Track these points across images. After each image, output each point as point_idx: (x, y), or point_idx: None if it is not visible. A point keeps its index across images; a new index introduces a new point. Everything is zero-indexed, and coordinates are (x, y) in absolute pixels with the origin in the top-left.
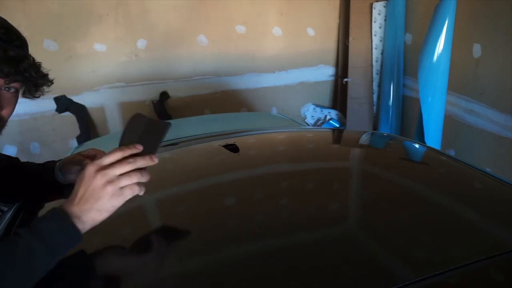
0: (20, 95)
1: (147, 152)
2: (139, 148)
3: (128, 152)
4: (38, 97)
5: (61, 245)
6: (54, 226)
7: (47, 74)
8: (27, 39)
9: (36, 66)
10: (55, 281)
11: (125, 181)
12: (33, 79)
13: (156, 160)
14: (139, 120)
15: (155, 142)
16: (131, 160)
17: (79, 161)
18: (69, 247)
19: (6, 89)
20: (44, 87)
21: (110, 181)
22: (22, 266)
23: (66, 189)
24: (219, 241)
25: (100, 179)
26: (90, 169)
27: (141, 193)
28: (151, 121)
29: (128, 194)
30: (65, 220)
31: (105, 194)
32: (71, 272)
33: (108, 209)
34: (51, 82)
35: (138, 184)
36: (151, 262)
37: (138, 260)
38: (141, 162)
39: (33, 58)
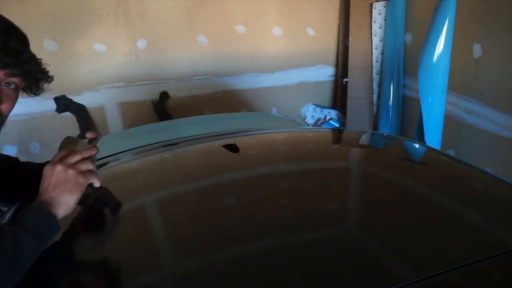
0: (20, 95)
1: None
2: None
3: (71, 147)
4: (38, 94)
5: (43, 232)
6: (33, 216)
7: (47, 70)
8: None
9: (36, 60)
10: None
11: (82, 166)
12: (33, 73)
13: (95, 150)
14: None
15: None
16: (77, 151)
17: None
18: (51, 234)
19: (6, 84)
20: (44, 84)
21: (69, 166)
22: (12, 255)
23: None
24: (219, 241)
25: (60, 167)
26: (47, 166)
27: (92, 181)
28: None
29: (90, 177)
30: (41, 210)
31: (70, 176)
32: (70, 272)
33: (78, 188)
34: (51, 78)
35: (90, 172)
36: (151, 262)
37: (138, 260)
38: (86, 153)
39: (34, 54)
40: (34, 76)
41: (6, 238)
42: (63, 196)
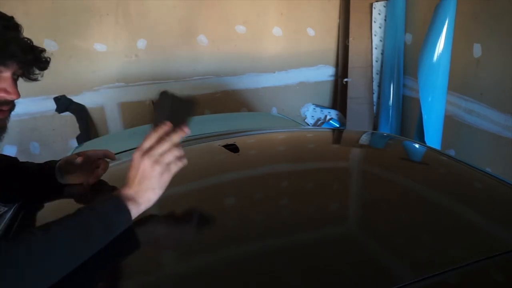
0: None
1: (178, 126)
2: (168, 126)
3: (161, 132)
4: (35, 79)
5: (114, 224)
6: (110, 207)
7: (40, 52)
8: None
9: (19, 42)
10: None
11: (168, 157)
12: (35, 62)
13: (187, 131)
14: (165, 98)
15: (184, 116)
16: (167, 138)
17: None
18: (121, 227)
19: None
20: (41, 71)
21: (156, 161)
22: (80, 236)
23: (66, 189)
24: (219, 241)
25: (147, 161)
26: (137, 155)
27: (184, 164)
28: (176, 97)
29: (174, 168)
30: (120, 203)
31: (155, 173)
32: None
33: (160, 186)
34: (46, 60)
35: (179, 157)
36: (152, 262)
37: (139, 260)
38: (175, 138)
39: (16, 35)
40: (21, 61)
41: (82, 224)
42: (147, 193)
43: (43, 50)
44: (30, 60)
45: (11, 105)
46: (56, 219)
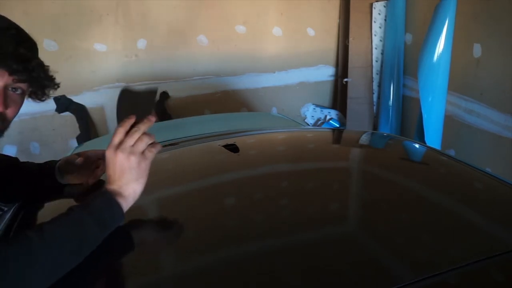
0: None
1: (143, 117)
2: (133, 118)
3: (127, 125)
4: (44, 100)
5: (107, 220)
6: (101, 203)
7: (54, 77)
8: None
9: (44, 67)
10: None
11: (141, 146)
12: (40, 80)
13: (153, 119)
14: (127, 94)
15: (146, 106)
16: (135, 129)
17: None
18: (114, 224)
19: (13, 89)
20: (50, 91)
21: (130, 152)
22: (75, 234)
23: (66, 189)
24: (219, 241)
25: (121, 155)
26: (109, 152)
27: (158, 150)
28: (134, 92)
29: (149, 156)
30: (111, 198)
31: (132, 164)
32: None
33: (141, 175)
34: (57, 85)
35: (152, 144)
36: (153, 263)
37: (139, 260)
38: (143, 127)
39: (42, 61)
40: (40, 83)
41: (75, 222)
42: (131, 185)
43: (54, 79)
44: (49, 85)
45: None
46: (49, 220)
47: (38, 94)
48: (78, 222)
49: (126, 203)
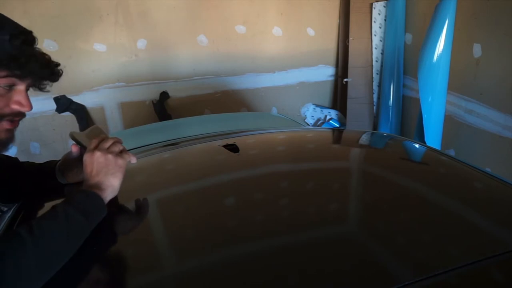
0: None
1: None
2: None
3: (100, 137)
4: (48, 91)
5: (92, 212)
6: (83, 197)
7: (55, 64)
8: None
9: (38, 57)
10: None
11: (116, 148)
12: (34, 73)
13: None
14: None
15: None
16: (105, 138)
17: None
18: (98, 214)
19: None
20: (53, 82)
21: (107, 151)
22: (61, 226)
23: (66, 189)
24: (220, 241)
25: (98, 153)
26: (87, 154)
27: (133, 160)
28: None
29: (126, 156)
30: (90, 192)
31: (109, 160)
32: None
33: (118, 170)
34: (57, 73)
35: (124, 151)
36: (152, 262)
37: (139, 260)
38: (115, 137)
39: (36, 51)
40: (37, 76)
41: (59, 215)
42: (108, 179)
43: (58, 64)
44: (46, 75)
45: (22, 116)
46: (35, 219)
47: (36, 85)
48: (63, 214)
49: (104, 195)
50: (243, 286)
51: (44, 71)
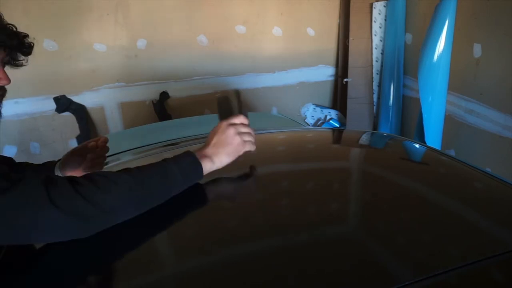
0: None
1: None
2: (243, 118)
3: (242, 119)
4: (20, 64)
5: (189, 175)
6: (188, 160)
7: (23, 37)
8: None
9: (9, 30)
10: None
11: (247, 137)
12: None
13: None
14: (222, 101)
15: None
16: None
17: (81, 151)
18: (194, 180)
19: None
20: (26, 56)
21: (239, 133)
22: (162, 180)
23: None
24: (219, 241)
25: (232, 130)
26: (224, 123)
27: (253, 150)
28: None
29: (248, 147)
30: (196, 159)
31: (235, 141)
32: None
33: (234, 154)
34: (30, 45)
35: (253, 142)
36: (152, 263)
37: (137, 261)
38: (251, 128)
39: (7, 23)
40: (7, 46)
41: (163, 168)
42: (222, 155)
43: (26, 35)
44: (16, 45)
45: (2, 91)
46: (140, 166)
47: (17, 60)
48: (167, 170)
49: (210, 167)
50: (243, 286)
51: (12, 41)
